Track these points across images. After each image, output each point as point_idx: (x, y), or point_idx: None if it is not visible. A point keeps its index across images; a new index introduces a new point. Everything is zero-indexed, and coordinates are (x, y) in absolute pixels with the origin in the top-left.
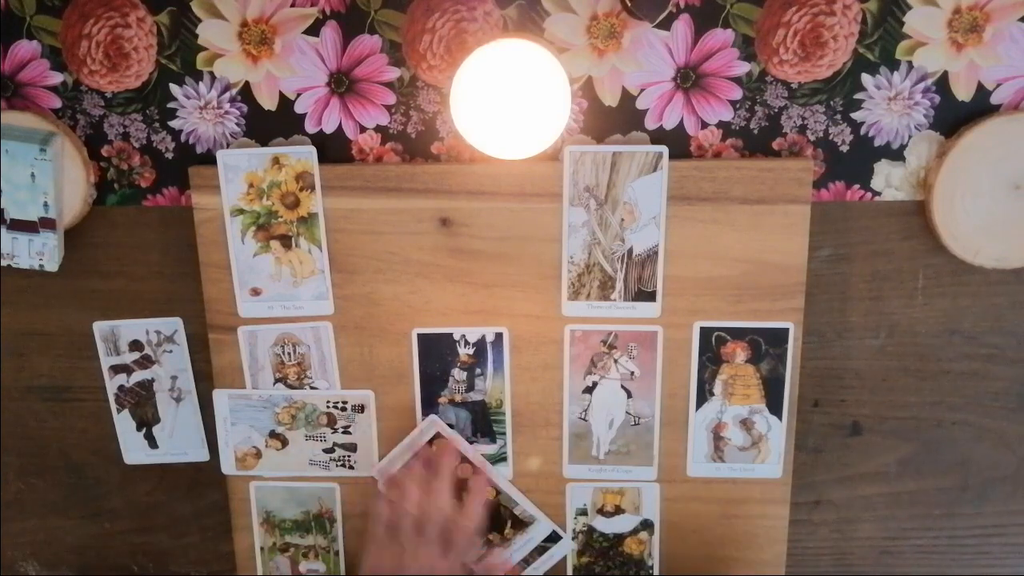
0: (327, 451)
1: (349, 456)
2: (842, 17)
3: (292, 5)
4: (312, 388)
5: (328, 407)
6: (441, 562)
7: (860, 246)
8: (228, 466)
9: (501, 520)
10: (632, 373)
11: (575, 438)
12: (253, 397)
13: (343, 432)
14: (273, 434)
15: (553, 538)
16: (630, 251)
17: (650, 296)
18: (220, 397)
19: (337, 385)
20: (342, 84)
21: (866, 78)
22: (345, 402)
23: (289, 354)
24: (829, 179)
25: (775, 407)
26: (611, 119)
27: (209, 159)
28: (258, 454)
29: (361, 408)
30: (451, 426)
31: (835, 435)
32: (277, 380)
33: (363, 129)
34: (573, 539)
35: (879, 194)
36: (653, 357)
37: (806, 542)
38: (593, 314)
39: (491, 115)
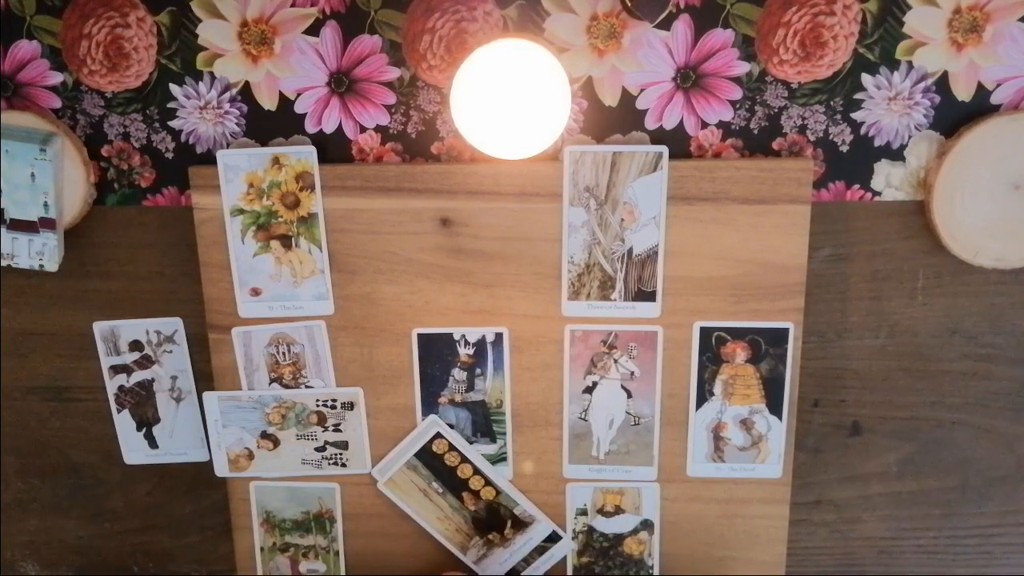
0: (319, 449)
1: (341, 454)
2: (842, 17)
3: (292, 5)
4: (307, 387)
5: (318, 405)
6: None
7: (860, 246)
8: (221, 468)
9: (501, 520)
10: (632, 373)
11: (575, 438)
12: (243, 398)
13: (334, 430)
14: (264, 435)
15: (553, 538)
16: (630, 251)
17: (650, 296)
18: (210, 399)
19: (333, 384)
20: (342, 84)
21: (866, 78)
22: (335, 400)
23: (284, 354)
24: (829, 179)
25: (775, 407)
26: (611, 119)
27: (209, 159)
28: (250, 455)
29: (351, 405)
30: (451, 426)
31: (835, 435)
32: (272, 380)
33: (363, 129)
34: (573, 539)
35: (879, 194)
36: (653, 357)
37: (806, 542)
38: (593, 314)
39: (491, 115)
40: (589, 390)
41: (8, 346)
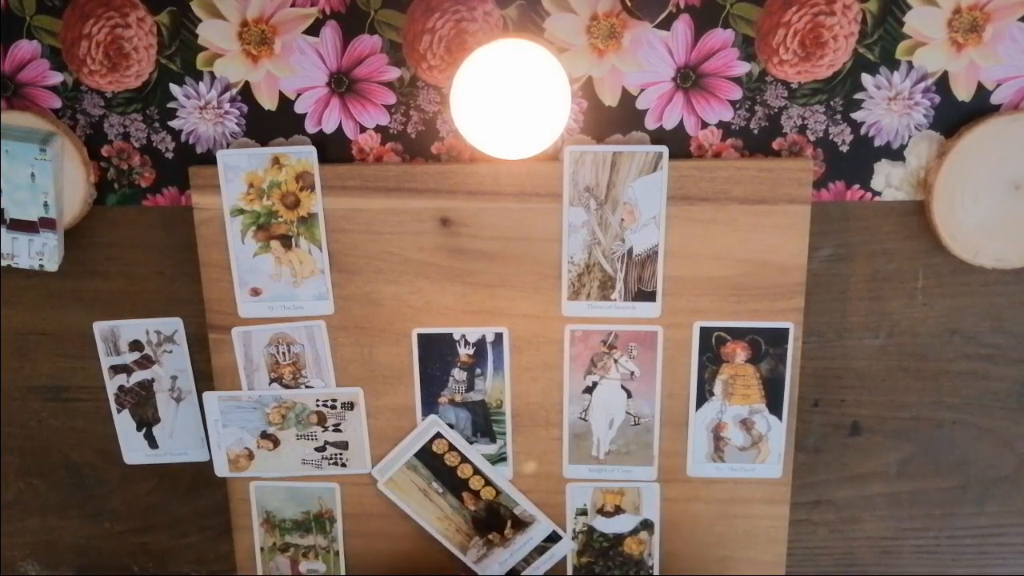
0: (319, 449)
1: (341, 454)
2: (842, 17)
3: (292, 5)
4: (307, 387)
5: (318, 405)
6: None
7: (860, 246)
8: (221, 468)
9: (501, 520)
10: (632, 373)
11: (575, 438)
12: (243, 398)
13: (334, 430)
14: (264, 435)
15: (553, 538)
16: (630, 251)
17: (650, 296)
18: (210, 399)
19: (333, 384)
20: (342, 84)
21: (866, 78)
22: (335, 400)
23: (284, 354)
24: (829, 179)
25: (775, 407)
26: (611, 119)
27: (209, 159)
28: (250, 455)
29: (351, 405)
30: (451, 426)
31: (835, 435)
32: (272, 380)
33: (363, 129)
34: (573, 539)
35: (879, 194)
36: (653, 357)
37: (806, 542)
38: (593, 314)
39: (491, 115)
40: (589, 390)
41: (8, 346)
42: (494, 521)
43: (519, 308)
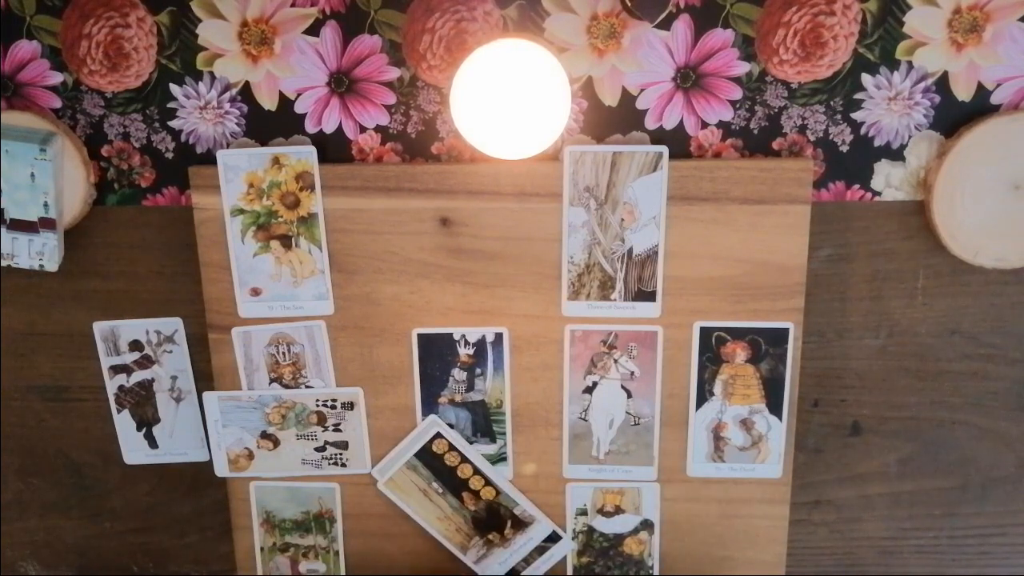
0: (319, 449)
1: (341, 454)
2: (842, 17)
3: (292, 5)
4: (308, 387)
5: (318, 405)
6: None
7: (860, 246)
8: (221, 468)
9: (501, 520)
10: (632, 373)
11: (575, 438)
12: (243, 398)
13: (334, 430)
14: (264, 435)
15: (553, 538)
16: (630, 251)
17: (650, 296)
18: (210, 399)
19: (333, 384)
20: (342, 84)
21: (866, 78)
22: (335, 400)
23: (284, 354)
24: (829, 179)
25: (775, 407)
26: (611, 119)
27: (209, 159)
28: (250, 455)
29: (351, 405)
30: (451, 426)
31: (835, 435)
32: (272, 380)
33: (363, 129)
34: (573, 539)
35: (879, 194)
36: (653, 357)
37: (806, 542)
38: (593, 314)
39: (491, 115)
40: (589, 390)
41: (8, 346)
42: (494, 521)
43: (519, 308)
